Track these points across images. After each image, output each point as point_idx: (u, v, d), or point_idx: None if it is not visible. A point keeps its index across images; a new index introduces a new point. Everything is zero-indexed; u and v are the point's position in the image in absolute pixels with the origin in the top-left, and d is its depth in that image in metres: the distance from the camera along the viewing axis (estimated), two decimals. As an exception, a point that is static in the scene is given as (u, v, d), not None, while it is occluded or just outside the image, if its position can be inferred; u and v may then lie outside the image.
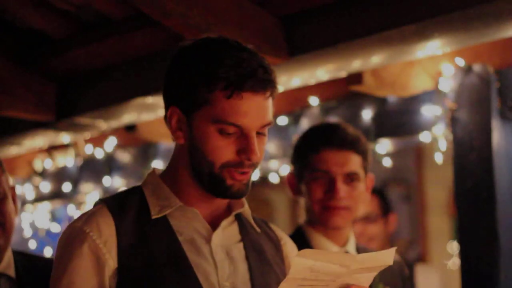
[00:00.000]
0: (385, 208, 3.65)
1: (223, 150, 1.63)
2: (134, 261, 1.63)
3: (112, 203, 1.70)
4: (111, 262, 1.63)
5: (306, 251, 1.50)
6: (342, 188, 2.34)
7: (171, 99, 1.70)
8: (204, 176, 1.66)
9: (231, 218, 1.76)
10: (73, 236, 1.66)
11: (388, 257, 1.58)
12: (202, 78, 1.63)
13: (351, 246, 2.44)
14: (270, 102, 1.67)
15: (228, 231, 1.75)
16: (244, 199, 1.77)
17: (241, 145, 1.64)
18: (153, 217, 1.68)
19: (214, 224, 1.72)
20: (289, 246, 1.88)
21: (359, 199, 2.40)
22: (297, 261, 1.51)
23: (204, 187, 1.68)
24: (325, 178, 2.36)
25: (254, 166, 1.66)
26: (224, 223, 1.73)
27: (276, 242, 1.85)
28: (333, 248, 2.39)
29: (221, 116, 1.62)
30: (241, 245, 1.76)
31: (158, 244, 1.66)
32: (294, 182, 2.47)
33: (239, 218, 1.79)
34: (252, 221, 1.79)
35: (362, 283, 1.61)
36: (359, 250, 2.46)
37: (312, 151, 2.38)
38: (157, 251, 1.65)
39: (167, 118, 1.70)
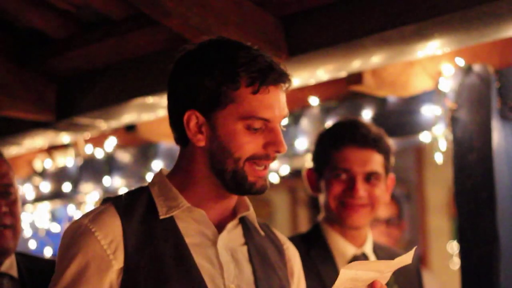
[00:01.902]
0: (401, 212, 3.69)
1: (250, 145, 1.66)
2: (140, 261, 1.63)
3: (120, 203, 1.70)
4: (115, 263, 1.63)
5: (353, 263, 1.56)
6: (361, 188, 2.32)
7: (187, 103, 1.68)
8: (227, 174, 1.67)
9: (236, 220, 1.76)
10: (79, 233, 1.66)
11: (410, 257, 1.64)
12: (224, 78, 1.64)
13: (369, 247, 2.42)
14: (284, 94, 1.71)
15: (233, 234, 1.76)
16: (249, 203, 1.78)
17: (269, 139, 1.66)
18: (161, 217, 1.68)
19: (219, 226, 1.73)
20: (291, 250, 1.89)
21: (379, 199, 2.37)
22: (344, 272, 1.55)
23: (226, 186, 1.69)
24: (346, 176, 2.34)
25: (275, 159, 1.69)
26: (230, 225, 1.74)
27: (279, 246, 1.86)
28: (350, 249, 2.37)
29: (249, 112, 1.64)
30: (245, 248, 1.76)
31: (165, 245, 1.66)
32: (314, 179, 2.43)
33: (243, 221, 1.79)
34: (256, 224, 1.80)
35: (382, 280, 1.65)
36: (376, 250, 2.45)
37: (334, 148, 2.36)
38: (163, 252, 1.65)
39: (182, 123, 1.68)
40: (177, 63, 1.72)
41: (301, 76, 2.79)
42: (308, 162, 2.52)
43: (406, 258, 1.63)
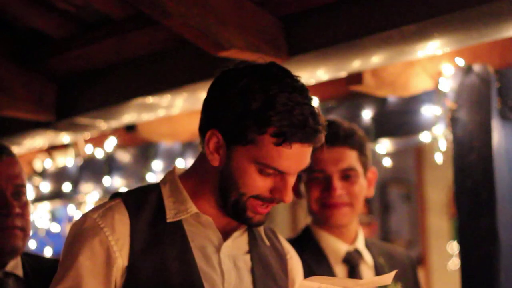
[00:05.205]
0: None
1: (258, 185, 1.65)
2: (144, 262, 1.64)
3: (130, 200, 1.70)
4: (120, 261, 1.64)
5: (314, 277, 1.54)
6: (338, 186, 2.32)
7: (213, 122, 1.66)
8: (229, 202, 1.67)
9: (242, 229, 1.77)
10: (87, 228, 1.67)
11: (388, 279, 1.62)
12: (254, 118, 1.61)
13: (361, 243, 2.42)
14: (311, 148, 1.67)
15: (237, 241, 1.76)
16: None
17: (277, 185, 1.66)
18: (168, 220, 1.69)
19: (225, 232, 1.74)
20: (294, 260, 1.89)
21: (359, 195, 2.37)
22: (304, 283, 1.54)
23: (225, 210, 1.70)
24: (322, 177, 2.34)
25: (278, 203, 1.69)
26: (236, 234, 1.74)
27: (282, 255, 1.86)
28: (342, 246, 2.38)
29: (265, 159, 1.62)
30: (248, 256, 1.77)
31: (170, 248, 1.66)
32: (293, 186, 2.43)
33: (250, 229, 1.80)
34: (262, 234, 1.81)
35: None
36: (369, 245, 2.45)
37: None
38: (168, 255, 1.65)
39: (204, 137, 1.68)
40: (223, 74, 1.69)
41: (301, 76, 2.78)
42: None
43: (384, 279, 1.61)
